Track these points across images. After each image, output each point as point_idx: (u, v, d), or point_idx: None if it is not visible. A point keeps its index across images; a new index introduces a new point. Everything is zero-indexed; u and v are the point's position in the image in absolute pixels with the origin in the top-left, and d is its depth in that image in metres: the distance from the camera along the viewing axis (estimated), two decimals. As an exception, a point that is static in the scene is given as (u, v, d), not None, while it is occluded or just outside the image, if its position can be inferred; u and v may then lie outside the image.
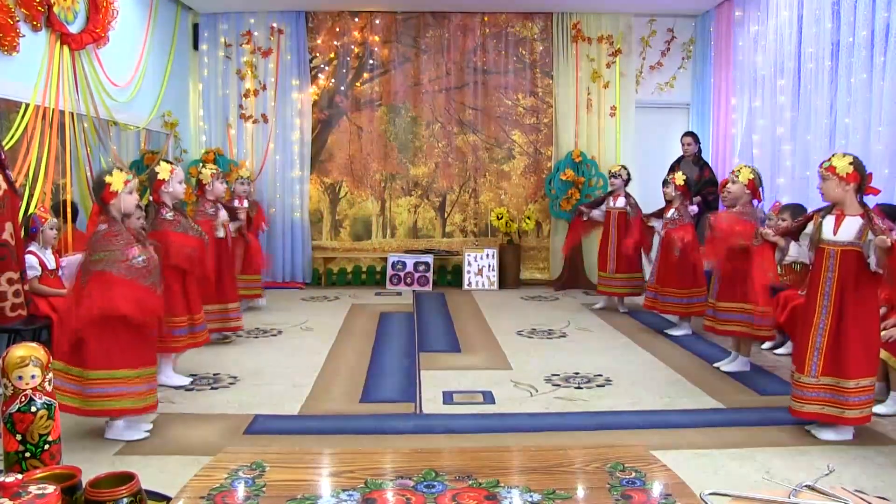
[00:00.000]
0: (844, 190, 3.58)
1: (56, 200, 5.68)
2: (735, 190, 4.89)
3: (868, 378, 3.57)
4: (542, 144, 8.81)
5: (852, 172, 3.55)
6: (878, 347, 3.66)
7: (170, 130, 7.88)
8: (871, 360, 3.59)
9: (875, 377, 3.63)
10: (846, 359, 3.53)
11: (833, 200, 3.66)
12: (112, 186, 3.54)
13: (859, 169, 3.57)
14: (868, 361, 3.57)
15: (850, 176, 3.56)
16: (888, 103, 5.14)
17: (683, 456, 3.37)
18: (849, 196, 3.60)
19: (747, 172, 4.90)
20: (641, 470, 1.98)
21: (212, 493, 1.84)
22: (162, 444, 3.59)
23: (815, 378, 3.61)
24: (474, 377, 4.81)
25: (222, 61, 8.54)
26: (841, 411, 3.56)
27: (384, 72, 8.76)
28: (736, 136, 7.67)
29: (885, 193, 5.13)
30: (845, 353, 3.54)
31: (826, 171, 3.62)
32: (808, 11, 6.19)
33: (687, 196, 6.21)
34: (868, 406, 3.59)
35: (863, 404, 3.56)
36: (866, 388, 3.56)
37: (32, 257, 4.87)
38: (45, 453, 2.64)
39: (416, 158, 8.86)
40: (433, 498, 1.79)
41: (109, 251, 3.46)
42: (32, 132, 5.21)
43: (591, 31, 8.60)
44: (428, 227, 8.99)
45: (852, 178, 3.56)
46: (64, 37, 5.63)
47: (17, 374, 2.70)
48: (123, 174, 3.63)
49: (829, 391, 3.59)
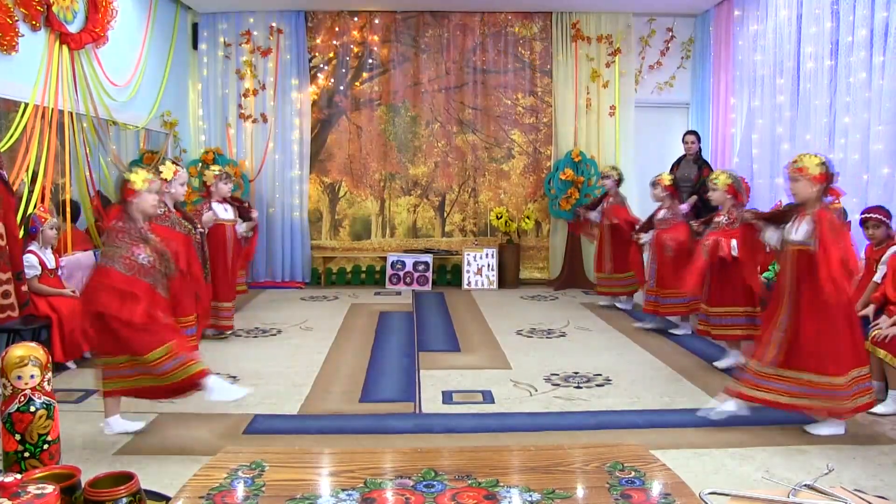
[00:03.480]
0: (813, 190, 3.62)
1: (56, 200, 5.68)
2: (717, 197, 5.00)
3: (855, 369, 3.57)
4: (542, 144, 8.81)
5: (823, 173, 3.59)
6: (847, 342, 3.60)
7: (169, 130, 7.88)
8: (841, 355, 3.56)
9: (862, 367, 3.62)
10: (814, 354, 3.55)
11: (802, 200, 3.68)
12: (133, 185, 3.58)
13: (828, 170, 3.61)
14: (837, 357, 3.55)
15: (819, 177, 3.59)
16: (887, 102, 5.14)
17: (683, 455, 3.37)
18: (815, 196, 3.63)
19: (724, 178, 4.98)
20: (641, 469, 1.98)
21: (211, 493, 1.84)
22: (161, 443, 3.59)
23: (774, 369, 3.64)
24: (474, 377, 4.81)
25: (222, 61, 8.53)
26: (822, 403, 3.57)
27: (383, 71, 8.75)
28: (735, 136, 7.67)
29: (884, 193, 5.14)
30: (808, 350, 3.57)
31: (796, 171, 3.64)
32: (808, 11, 6.19)
33: (676, 195, 6.23)
34: (862, 396, 3.59)
35: (856, 395, 3.56)
36: (857, 379, 3.56)
37: (32, 257, 4.87)
38: (45, 453, 2.64)
39: (415, 158, 8.85)
40: (432, 497, 1.79)
41: (116, 247, 3.51)
42: (32, 132, 5.21)
43: (591, 31, 8.60)
44: (427, 226, 8.99)
45: (821, 178, 3.59)
46: (63, 36, 5.62)
47: (17, 374, 2.70)
48: (145, 173, 3.67)
49: (795, 384, 3.61)
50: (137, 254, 3.53)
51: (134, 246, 3.53)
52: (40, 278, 4.90)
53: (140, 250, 3.54)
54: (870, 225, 4.68)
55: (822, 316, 3.55)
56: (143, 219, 3.65)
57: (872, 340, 4.10)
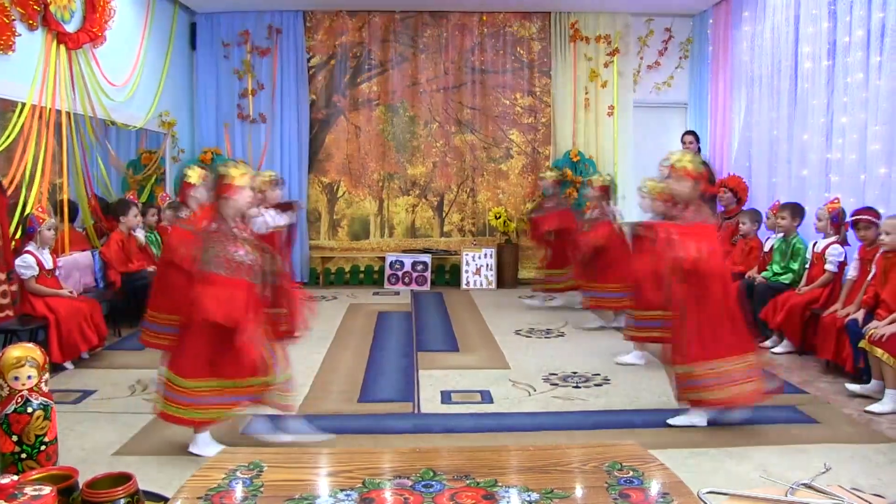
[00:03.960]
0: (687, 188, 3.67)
1: (53, 200, 5.67)
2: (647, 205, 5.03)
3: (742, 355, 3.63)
4: (540, 144, 8.81)
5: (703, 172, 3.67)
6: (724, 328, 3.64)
7: (167, 130, 7.87)
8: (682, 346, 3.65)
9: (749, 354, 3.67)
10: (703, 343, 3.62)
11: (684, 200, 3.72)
12: (233, 180, 3.30)
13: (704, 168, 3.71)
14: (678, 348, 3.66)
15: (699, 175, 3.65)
16: (884, 103, 5.14)
17: (681, 455, 3.37)
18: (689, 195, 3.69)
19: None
20: (639, 469, 1.98)
21: (209, 494, 1.83)
22: (159, 444, 3.58)
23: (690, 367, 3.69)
24: (472, 377, 4.81)
25: (220, 61, 8.52)
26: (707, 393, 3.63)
27: (382, 71, 8.75)
28: (733, 136, 7.68)
29: (881, 192, 5.14)
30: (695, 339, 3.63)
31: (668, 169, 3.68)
32: (805, 11, 6.19)
33: (607, 196, 6.25)
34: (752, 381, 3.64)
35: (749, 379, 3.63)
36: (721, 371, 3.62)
37: (30, 257, 4.86)
38: (42, 454, 2.64)
39: (413, 158, 8.85)
40: (431, 497, 1.79)
41: (214, 249, 3.26)
42: (29, 132, 5.20)
43: (589, 31, 8.61)
44: (426, 226, 8.99)
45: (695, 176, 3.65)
46: (60, 36, 5.61)
47: (14, 375, 2.69)
48: (243, 166, 3.43)
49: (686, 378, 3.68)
50: (236, 251, 3.26)
51: (230, 245, 3.27)
52: (38, 279, 4.89)
53: (238, 249, 3.27)
54: (861, 226, 4.72)
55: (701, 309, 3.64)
56: (235, 217, 3.36)
57: (870, 339, 4.10)
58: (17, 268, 4.84)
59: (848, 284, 4.87)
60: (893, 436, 3.68)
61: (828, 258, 5.16)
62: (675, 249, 3.55)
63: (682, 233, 3.59)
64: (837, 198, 5.29)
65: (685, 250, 3.53)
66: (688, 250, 3.52)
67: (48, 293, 4.92)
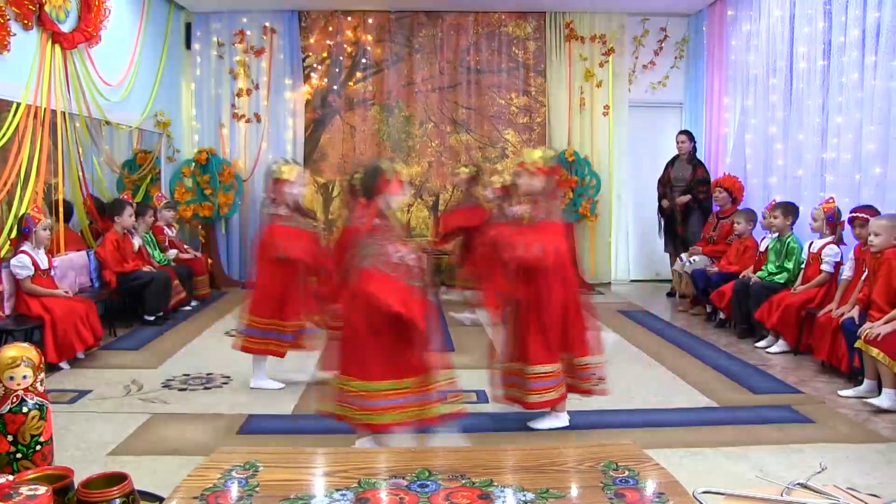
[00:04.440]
0: (536, 184, 3.62)
1: (48, 200, 5.65)
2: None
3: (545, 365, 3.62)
4: (536, 144, 8.80)
5: (556, 167, 3.70)
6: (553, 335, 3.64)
7: (162, 130, 7.85)
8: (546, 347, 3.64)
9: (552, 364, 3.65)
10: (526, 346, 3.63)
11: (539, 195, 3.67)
12: (397, 176, 3.16)
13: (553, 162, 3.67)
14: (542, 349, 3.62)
15: (552, 170, 3.65)
16: (879, 102, 5.16)
17: (677, 454, 3.38)
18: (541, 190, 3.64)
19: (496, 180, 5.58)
20: (635, 469, 1.98)
21: (205, 494, 1.83)
22: (155, 444, 3.58)
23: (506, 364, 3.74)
24: (468, 376, 4.80)
25: (215, 60, 8.51)
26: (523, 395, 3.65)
27: (377, 71, 8.74)
28: (728, 135, 7.70)
29: (876, 192, 5.16)
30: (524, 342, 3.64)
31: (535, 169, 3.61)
32: (800, 11, 6.21)
33: (507, 197, 6.15)
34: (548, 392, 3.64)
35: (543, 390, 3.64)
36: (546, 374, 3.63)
37: (25, 257, 4.85)
38: (37, 454, 2.62)
39: (409, 158, 8.84)
40: (426, 497, 1.79)
41: (377, 245, 3.09)
42: (24, 131, 5.18)
43: (584, 31, 8.61)
44: (421, 226, 8.98)
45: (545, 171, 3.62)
46: (55, 36, 5.59)
47: (9, 375, 2.68)
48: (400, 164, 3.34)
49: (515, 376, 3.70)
50: (397, 251, 3.07)
51: (390, 244, 3.09)
52: (33, 279, 4.88)
53: (400, 247, 3.10)
54: (857, 224, 4.73)
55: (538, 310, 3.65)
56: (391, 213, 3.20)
57: (865, 339, 4.11)
58: (13, 268, 4.83)
59: (843, 284, 4.89)
60: (889, 436, 3.69)
61: (824, 258, 5.17)
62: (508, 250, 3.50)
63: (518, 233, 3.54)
64: (832, 197, 5.31)
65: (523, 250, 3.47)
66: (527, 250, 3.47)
67: (44, 293, 4.90)
